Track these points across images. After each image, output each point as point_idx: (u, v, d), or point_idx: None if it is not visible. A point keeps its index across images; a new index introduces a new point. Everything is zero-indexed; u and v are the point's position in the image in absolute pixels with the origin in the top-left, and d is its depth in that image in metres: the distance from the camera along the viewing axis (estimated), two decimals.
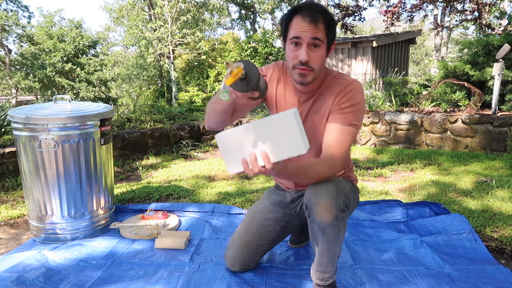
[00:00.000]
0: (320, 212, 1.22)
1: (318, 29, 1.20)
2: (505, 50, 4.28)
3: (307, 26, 1.20)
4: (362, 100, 1.32)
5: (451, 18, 13.66)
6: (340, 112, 1.31)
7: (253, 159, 1.06)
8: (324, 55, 1.26)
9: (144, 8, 13.87)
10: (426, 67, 24.70)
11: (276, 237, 1.64)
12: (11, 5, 14.90)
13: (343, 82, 1.33)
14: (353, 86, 1.32)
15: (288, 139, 1.03)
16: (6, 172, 3.17)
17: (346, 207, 1.28)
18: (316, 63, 1.25)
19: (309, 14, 1.20)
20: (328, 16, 1.23)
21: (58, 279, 1.64)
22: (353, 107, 1.30)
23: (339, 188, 1.28)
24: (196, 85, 10.55)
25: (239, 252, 1.62)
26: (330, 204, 1.21)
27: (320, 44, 1.22)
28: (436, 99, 5.33)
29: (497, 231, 2.10)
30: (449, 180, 3.13)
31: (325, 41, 1.24)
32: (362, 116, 1.34)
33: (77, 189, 2.00)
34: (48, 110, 1.97)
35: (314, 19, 1.19)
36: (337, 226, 1.24)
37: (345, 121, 1.30)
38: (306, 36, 1.20)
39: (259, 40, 8.65)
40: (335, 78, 1.35)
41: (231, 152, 1.09)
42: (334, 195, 1.23)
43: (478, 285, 1.55)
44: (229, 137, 1.08)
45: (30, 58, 14.56)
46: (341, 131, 1.30)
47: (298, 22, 1.21)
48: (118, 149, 4.12)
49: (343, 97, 1.31)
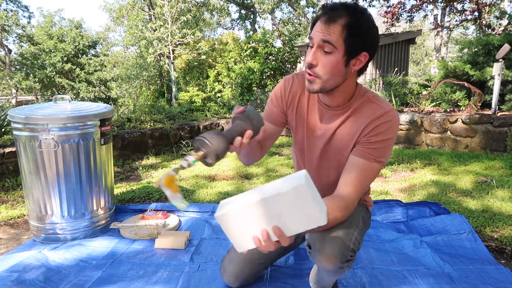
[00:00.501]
0: (322, 260, 1.13)
1: (331, 31, 1.03)
2: (505, 50, 4.28)
3: (321, 26, 1.05)
4: (395, 134, 1.16)
5: (451, 18, 13.66)
6: (368, 145, 1.15)
7: (266, 238, 0.92)
8: (337, 64, 1.06)
9: (144, 8, 13.88)
10: (426, 67, 24.71)
11: (281, 253, 1.58)
12: (11, 5, 14.92)
13: (378, 109, 1.15)
14: (389, 117, 1.14)
15: (303, 212, 0.89)
16: (6, 172, 3.17)
17: (354, 253, 1.15)
18: (324, 70, 1.07)
19: (327, 13, 1.05)
20: (353, 19, 1.03)
21: (58, 279, 1.64)
22: (384, 142, 1.14)
23: (350, 233, 1.15)
24: (196, 85, 10.56)
25: (241, 269, 1.49)
26: (334, 257, 1.10)
27: (333, 49, 1.04)
28: (436, 99, 5.32)
29: (497, 231, 2.10)
30: (449, 180, 3.13)
31: (342, 47, 1.05)
32: (391, 151, 1.19)
33: (77, 189, 2.00)
34: (48, 110, 1.97)
35: (330, 20, 1.04)
36: (342, 271, 1.17)
37: (371, 157, 1.14)
38: (316, 37, 1.06)
39: (259, 40, 8.64)
40: (370, 101, 1.18)
41: (236, 230, 0.95)
42: (341, 247, 1.11)
43: (478, 285, 1.55)
44: (232, 217, 0.94)
45: (30, 58, 14.56)
46: (364, 167, 1.15)
47: (318, 23, 1.07)
48: (118, 149, 4.12)
49: (374, 128, 1.14)
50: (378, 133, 1.14)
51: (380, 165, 1.16)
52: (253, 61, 8.40)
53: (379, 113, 1.14)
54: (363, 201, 1.41)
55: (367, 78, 8.85)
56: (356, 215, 1.26)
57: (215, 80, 9.78)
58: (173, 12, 11.01)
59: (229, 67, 8.86)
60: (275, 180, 0.96)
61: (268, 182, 3.27)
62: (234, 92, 8.57)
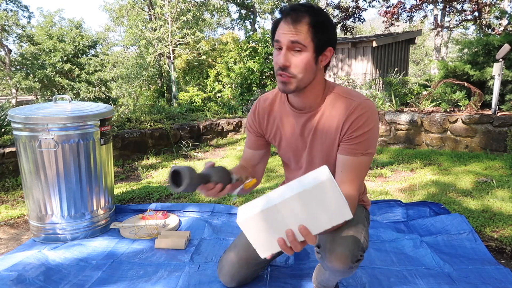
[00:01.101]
0: (333, 260, 1.13)
1: (299, 31, 1.06)
2: (505, 50, 4.28)
3: (287, 27, 1.07)
4: (375, 123, 1.17)
5: (451, 18, 13.67)
6: (351, 141, 1.16)
7: (292, 239, 0.91)
8: (309, 61, 1.09)
9: (144, 8, 13.87)
10: (426, 67, 24.71)
11: (278, 254, 1.55)
12: (11, 5, 14.90)
13: (351, 103, 1.16)
14: (364, 108, 1.15)
15: (328, 208, 0.89)
16: (6, 172, 3.17)
17: (363, 252, 1.17)
18: (298, 69, 1.09)
19: (292, 15, 1.07)
20: (316, 17, 1.07)
21: (58, 278, 1.64)
22: (366, 134, 1.15)
23: (359, 232, 1.18)
24: (196, 85, 10.55)
25: (238, 270, 1.49)
26: (346, 257, 1.11)
27: (302, 48, 1.07)
28: (436, 99, 5.33)
29: (497, 231, 2.10)
30: (449, 180, 3.13)
31: (310, 45, 1.08)
32: (376, 139, 1.20)
33: (77, 189, 2.00)
34: (48, 110, 1.97)
35: (295, 20, 1.06)
36: (350, 271, 1.17)
37: (358, 152, 1.16)
38: (284, 38, 1.07)
39: (259, 40, 8.64)
40: (341, 96, 1.19)
41: (260, 235, 0.93)
42: (352, 247, 1.12)
43: (478, 285, 1.55)
44: (255, 221, 0.91)
45: (30, 58, 14.54)
46: (354, 164, 1.17)
47: (281, 25, 1.09)
48: (118, 149, 4.12)
49: (352, 124, 1.15)
50: (357, 128, 1.15)
51: (369, 157, 1.18)
52: (252, 61, 8.40)
53: (352, 107, 1.16)
54: (361, 201, 1.42)
55: (367, 78, 8.85)
56: (359, 215, 1.27)
57: (215, 80, 9.78)
58: (173, 12, 11.01)
59: (229, 67, 8.86)
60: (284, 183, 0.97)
61: (268, 181, 3.27)
62: (234, 92, 8.57)
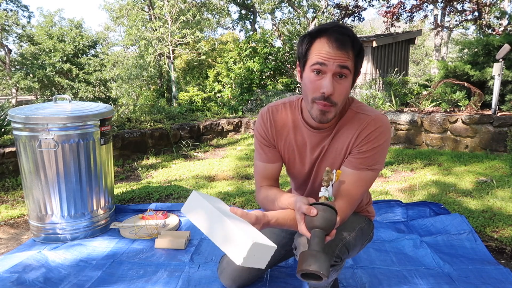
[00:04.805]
0: None
1: (348, 56, 1.02)
2: (505, 50, 4.28)
3: (334, 52, 1.01)
4: (387, 138, 1.13)
5: (451, 18, 13.67)
6: (359, 155, 1.13)
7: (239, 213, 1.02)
8: (349, 88, 1.08)
9: (144, 8, 13.86)
10: (426, 67, 24.71)
11: (280, 259, 1.56)
12: (11, 5, 14.89)
13: (365, 118, 1.13)
14: (377, 123, 1.12)
15: None
16: (6, 172, 3.17)
17: (339, 259, 1.14)
18: (340, 97, 1.06)
19: (338, 38, 1.01)
20: (359, 43, 1.05)
21: (58, 279, 1.64)
22: (375, 149, 1.12)
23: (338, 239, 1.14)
24: (196, 85, 10.56)
25: (239, 273, 1.48)
26: None
27: (348, 74, 1.04)
28: (436, 99, 5.33)
29: (497, 231, 2.10)
30: (449, 180, 3.13)
31: (353, 71, 1.06)
32: (385, 154, 1.16)
33: (77, 189, 2.00)
34: (48, 110, 1.97)
35: (344, 45, 1.01)
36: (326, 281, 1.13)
37: (363, 166, 1.13)
38: (332, 64, 1.01)
39: (259, 40, 8.64)
40: (356, 113, 1.16)
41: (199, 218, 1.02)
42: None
43: (478, 285, 1.55)
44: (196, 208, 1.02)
45: (30, 58, 14.55)
46: (356, 178, 1.13)
47: (323, 47, 1.02)
48: (118, 149, 4.12)
49: (365, 137, 1.12)
50: (368, 141, 1.12)
51: (375, 172, 1.14)
52: (252, 61, 8.40)
53: (365, 122, 1.13)
54: (365, 212, 1.38)
55: (367, 78, 8.85)
56: (350, 225, 1.24)
57: (215, 80, 9.78)
58: (173, 12, 11.01)
59: (229, 67, 8.86)
60: None
61: None
62: (234, 92, 8.58)
